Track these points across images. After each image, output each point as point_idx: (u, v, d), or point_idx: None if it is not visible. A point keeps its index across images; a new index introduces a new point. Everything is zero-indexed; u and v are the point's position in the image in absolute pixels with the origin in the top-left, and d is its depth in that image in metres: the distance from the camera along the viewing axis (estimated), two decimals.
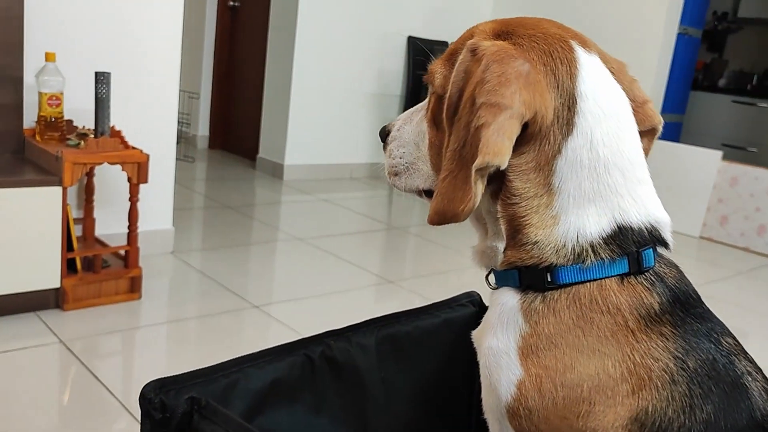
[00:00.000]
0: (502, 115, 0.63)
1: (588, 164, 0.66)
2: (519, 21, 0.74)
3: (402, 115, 0.87)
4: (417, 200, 3.50)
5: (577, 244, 0.66)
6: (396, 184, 0.84)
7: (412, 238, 3.58)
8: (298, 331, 2.21)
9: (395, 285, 2.79)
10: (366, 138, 4.89)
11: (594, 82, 0.69)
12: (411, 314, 0.91)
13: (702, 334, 0.63)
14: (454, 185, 0.65)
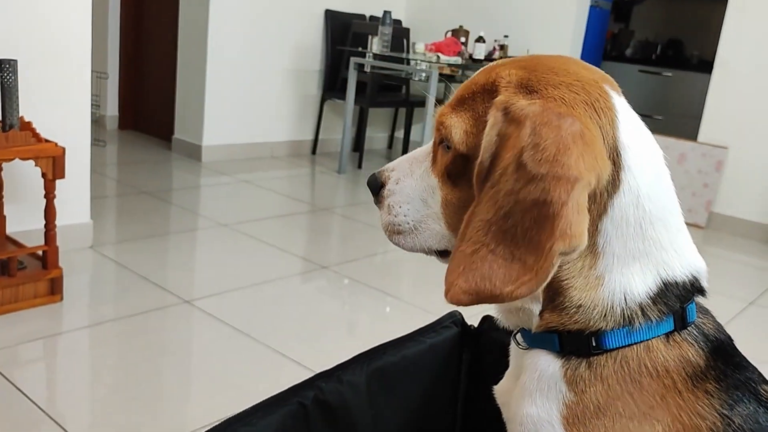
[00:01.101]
0: (576, 189, 0.58)
1: (634, 222, 0.63)
2: (544, 64, 0.69)
3: (394, 165, 0.79)
4: (340, 179, 3.48)
5: (625, 306, 0.63)
6: (400, 244, 0.77)
7: (339, 219, 3.54)
8: (233, 325, 2.14)
9: (328, 270, 2.75)
10: (286, 115, 4.77)
11: (632, 129, 0.65)
12: (398, 344, 0.88)
13: (743, 386, 0.62)
14: (491, 262, 0.59)
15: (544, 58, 0.71)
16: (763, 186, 4.09)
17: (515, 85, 0.66)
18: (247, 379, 1.87)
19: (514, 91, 0.65)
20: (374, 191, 0.79)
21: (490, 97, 0.68)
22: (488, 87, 0.69)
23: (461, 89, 0.73)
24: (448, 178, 0.72)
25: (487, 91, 0.69)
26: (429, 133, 4.09)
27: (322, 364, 1.95)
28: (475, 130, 0.68)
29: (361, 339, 2.19)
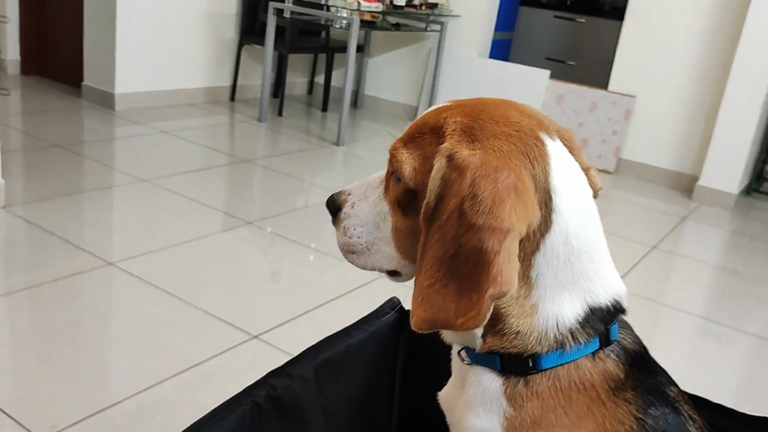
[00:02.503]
0: (507, 239, 0.64)
1: (563, 257, 0.69)
2: (487, 112, 0.73)
3: (351, 189, 0.84)
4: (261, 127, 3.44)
5: (557, 332, 0.69)
6: (354, 262, 0.83)
7: (263, 171, 3.51)
8: (160, 287, 2.14)
9: (254, 226, 2.75)
10: (202, 60, 4.63)
11: (563, 174, 0.71)
12: (343, 334, 0.92)
13: (654, 390, 0.70)
14: (444, 295, 0.65)
15: (489, 105, 0.76)
16: (669, 134, 4.31)
17: (459, 133, 0.71)
18: (178, 342, 1.88)
19: (458, 138, 0.71)
20: (332, 212, 0.84)
21: (437, 140, 0.73)
22: (436, 130, 0.74)
23: (412, 127, 0.78)
24: (398, 207, 0.77)
25: (434, 134, 0.74)
26: (351, 79, 4.07)
27: (252, 323, 2.00)
28: (423, 169, 0.73)
29: (289, 295, 2.23)
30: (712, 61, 4.10)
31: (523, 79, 4.68)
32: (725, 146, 3.96)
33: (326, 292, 2.28)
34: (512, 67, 4.74)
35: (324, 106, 5.08)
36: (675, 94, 4.24)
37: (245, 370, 1.80)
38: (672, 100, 4.26)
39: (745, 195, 4.33)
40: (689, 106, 4.21)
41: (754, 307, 2.72)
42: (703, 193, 4.06)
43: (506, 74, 4.74)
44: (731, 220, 3.87)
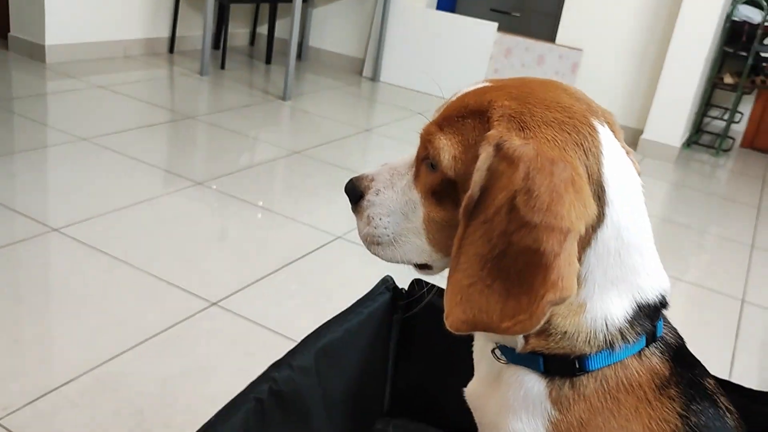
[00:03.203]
0: (568, 240, 0.59)
1: (614, 251, 0.65)
2: (536, 95, 0.67)
3: (373, 175, 0.77)
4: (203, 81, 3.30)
5: (607, 332, 0.66)
6: (378, 254, 0.76)
7: (208, 128, 3.38)
8: (110, 253, 2.04)
9: (204, 186, 2.65)
10: (138, 10, 4.39)
11: (615, 163, 0.66)
12: (340, 318, 0.87)
13: (694, 384, 0.68)
14: (488, 296, 0.61)
15: (536, 86, 0.70)
16: (615, 88, 4.36)
17: (508, 119, 0.65)
18: (133, 311, 1.81)
19: (506, 125, 0.65)
20: (353, 200, 0.77)
21: (481, 126, 0.67)
22: (479, 114, 0.67)
23: (449, 108, 0.71)
24: (432, 196, 0.71)
25: (478, 119, 0.67)
26: (297, 30, 3.94)
27: (210, 290, 1.94)
28: (464, 157, 0.67)
29: (246, 259, 2.17)
30: (657, 16, 4.14)
31: (472, 31, 4.63)
32: (669, 100, 4.03)
33: (284, 255, 2.23)
34: (461, 20, 4.67)
35: (268, 59, 4.92)
36: (621, 48, 4.27)
37: (206, 338, 1.75)
38: (618, 54, 4.29)
39: (685, 147, 4.44)
40: (634, 60, 4.26)
41: (692, 257, 2.80)
42: (648, 147, 4.14)
43: (454, 26, 4.68)
44: (674, 172, 3.97)
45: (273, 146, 3.26)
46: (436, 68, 4.74)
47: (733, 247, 2.97)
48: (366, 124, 3.91)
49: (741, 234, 3.13)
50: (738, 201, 3.59)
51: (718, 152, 4.48)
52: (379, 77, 4.92)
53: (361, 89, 4.70)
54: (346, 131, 3.68)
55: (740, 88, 4.28)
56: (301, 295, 2.02)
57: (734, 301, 2.43)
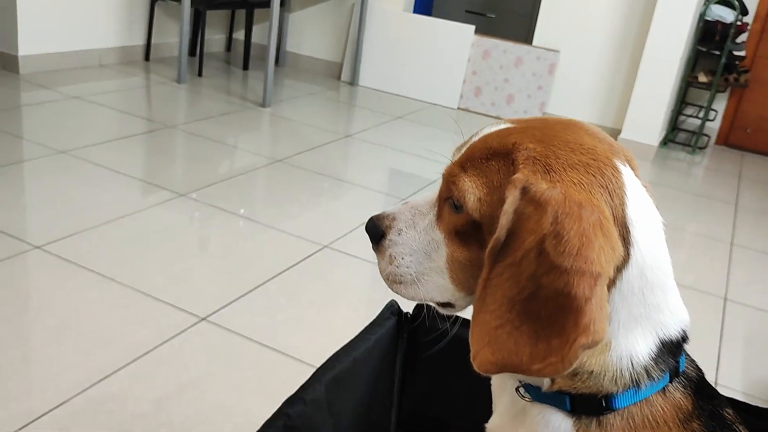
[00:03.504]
0: (598, 285, 0.59)
1: (638, 290, 0.66)
2: (559, 137, 0.67)
3: (395, 214, 0.77)
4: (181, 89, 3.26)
5: (633, 371, 0.66)
6: (401, 293, 0.77)
7: (189, 137, 3.36)
8: (96, 270, 2.02)
9: (188, 198, 2.63)
10: (112, 18, 4.34)
11: (638, 204, 0.67)
12: (348, 348, 0.87)
13: (715, 416, 0.69)
14: (517, 339, 0.61)
15: (558, 127, 0.70)
16: (592, 88, 4.40)
17: (533, 162, 0.66)
18: (122, 329, 1.79)
19: (532, 168, 0.65)
20: (374, 239, 0.78)
21: (506, 168, 0.67)
22: (503, 156, 0.68)
23: (472, 149, 0.72)
24: (456, 236, 0.72)
25: (502, 161, 0.68)
26: (275, 36, 3.92)
27: (199, 304, 1.92)
28: (489, 199, 0.67)
29: (234, 271, 2.15)
30: (632, 16, 4.19)
31: (449, 34, 4.65)
32: (646, 100, 4.08)
33: (272, 266, 2.21)
34: (438, 23, 4.69)
35: (245, 65, 4.89)
36: (597, 49, 4.32)
37: (197, 355, 1.73)
38: (594, 55, 4.33)
39: (662, 146, 4.50)
40: (611, 61, 4.30)
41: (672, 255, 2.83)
42: (625, 146, 4.17)
43: (432, 29, 4.69)
44: (652, 170, 4.02)
45: (254, 155, 3.24)
46: (414, 71, 4.75)
47: (712, 245, 3.01)
48: (346, 129, 3.91)
49: (720, 231, 3.18)
50: (715, 198, 3.64)
51: (694, 150, 4.55)
52: (357, 81, 4.91)
53: (340, 94, 4.70)
54: (327, 137, 3.67)
55: (714, 87, 4.34)
56: (291, 307, 2.01)
57: (717, 300, 2.47)
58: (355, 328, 1.94)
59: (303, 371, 1.73)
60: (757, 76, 4.64)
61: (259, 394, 1.63)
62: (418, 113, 4.43)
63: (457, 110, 4.65)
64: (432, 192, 0.77)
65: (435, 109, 4.59)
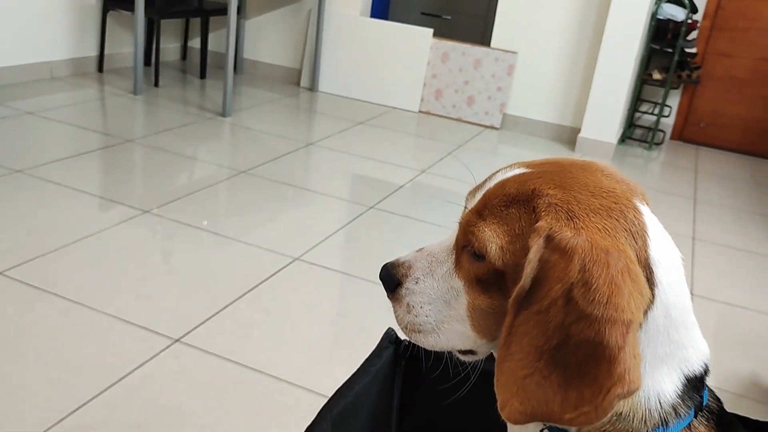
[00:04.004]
0: (630, 332, 0.59)
1: (663, 329, 0.66)
2: (578, 181, 0.67)
3: (410, 262, 0.76)
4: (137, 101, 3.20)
5: (661, 410, 0.66)
6: (420, 342, 0.75)
7: (150, 151, 3.29)
8: (63, 294, 1.96)
9: (152, 214, 2.57)
10: (63, 29, 4.23)
11: (659, 243, 0.67)
12: (351, 382, 0.86)
13: None
14: (546, 388, 0.60)
15: (575, 170, 0.70)
16: (550, 88, 4.46)
17: (555, 209, 0.65)
18: (94, 355, 1.74)
19: (554, 215, 0.65)
20: (390, 288, 0.77)
21: (527, 216, 0.67)
22: (523, 203, 0.67)
23: (488, 196, 0.71)
24: (477, 284, 0.71)
25: (522, 208, 0.67)
26: (233, 44, 3.87)
27: (171, 325, 1.88)
28: (512, 248, 0.67)
29: (205, 288, 2.11)
30: (587, 17, 4.25)
31: (407, 38, 4.65)
32: (603, 99, 4.15)
33: (243, 282, 2.18)
34: (396, 27, 4.69)
35: (202, 73, 4.82)
36: (554, 49, 4.37)
37: (174, 378, 1.69)
38: (552, 56, 4.39)
39: (620, 143, 4.59)
40: (568, 61, 4.36)
41: None
42: (585, 145, 4.25)
43: (390, 33, 4.69)
44: None
45: (218, 167, 3.19)
46: (374, 76, 4.74)
47: (675, 241, 3.07)
48: (309, 137, 3.88)
49: (681, 226, 3.25)
50: (674, 193, 3.72)
51: (651, 146, 4.65)
52: (317, 87, 4.88)
53: (301, 100, 4.66)
54: (291, 146, 3.64)
55: (668, 84, 4.44)
56: (266, 324, 1.98)
57: None
58: (333, 341, 1.93)
59: (283, 390, 1.71)
60: (708, 72, 4.77)
61: (241, 415, 1.60)
62: (380, 118, 4.43)
63: (419, 113, 4.67)
64: (447, 238, 0.77)
65: (397, 114, 4.59)
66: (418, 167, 3.56)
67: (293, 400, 1.68)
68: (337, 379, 1.76)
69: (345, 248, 2.53)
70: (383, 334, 0.96)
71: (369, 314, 2.10)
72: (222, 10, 4.63)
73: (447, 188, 3.31)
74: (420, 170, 3.51)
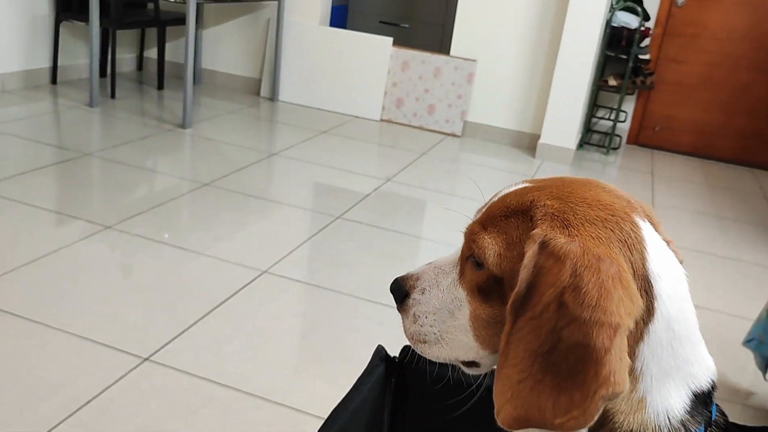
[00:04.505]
0: (618, 336, 0.59)
1: (666, 344, 0.66)
2: (577, 195, 0.68)
3: (418, 274, 0.77)
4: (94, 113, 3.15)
5: (671, 426, 0.67)
6: (425, 353, 0.76)
7: (109, 165, 3.22)
8: (24, 315, 1.90)
9: (114, 230, 2.52)
10: (13, 40, 4.12)
11: (660, 258, 0.68)
12: (345, 402, 0.84)
13: None
14: (539, 392, 0.61)
15: (575, 185, 0.71)
16: (510, 95, 4.51)
17: (551, 218, 0.67)
18: (61, 378, 1.69)
19: (550, 224, 0.66)
20: (398, 299, 0.78)
21: (524, 224, 0.68)
22: (521, 213, 0.69)
23: (491, 208, 0.73)
24: (478, 293, 0.72)
25: (520, 218, 0.69)
26: (192, 54, 3.82)
27: (140, 344, 1.84)
28: (509, 255, 0.68)
29: (172, 305, 2.07)
30: (544, 25, 4.32)
31: (367, 46, 4.66)
32: (562, 105, 4.21)
33: (212, 296, 2.15)
34: (355, 35, 4.69)
35: (160, 84, 4.75)
36: (513, 57, 4.43)
37: (145, 398, 1.65)
38: (511, 63, 4.45)
39: (578, 148, 4.67)
40: (527, 68, 4.42)
41: None
42: (545, 150, 4.31)
43: (350, 42, 4.69)
44: (571, 173, 4.16)
45: (181, 179, 3.14)
46: (335, 85, 4.73)
47: None
48: (272, 147, 3.85)
49: None
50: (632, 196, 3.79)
51: (608, 151, 4.74)
52: (277, 97, 4.85)
53: (261, 110, 4.63)
54: (254, 157, 3.61)
55: (623, 89, 4.54)
56: (238, 339, 1.95)
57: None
58: (307, 355, 1.91)
59: (258, 406, 1.68)
60: (661, 78, 4.89)
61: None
62: (342, 127, 4.42)
63: (380, 122, 4.67)
64: (455, 252, 0.78)
65: (359, 122, 4.59)
66: (383, 176, 3.57)
67: (270, 416, 1.65)
68: (314, 394, 1.75)
69: (313, 260, 2.51)
70: (374, 352, 0.96)
71: (342, 327, 2.09)
72: (179, 19, 4.57)
73: (413, 196, 3.32)
74: (385, 179, 3.52)
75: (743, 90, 4.82)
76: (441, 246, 2.79)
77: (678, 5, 4.74)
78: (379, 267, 2.52)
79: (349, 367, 1.89)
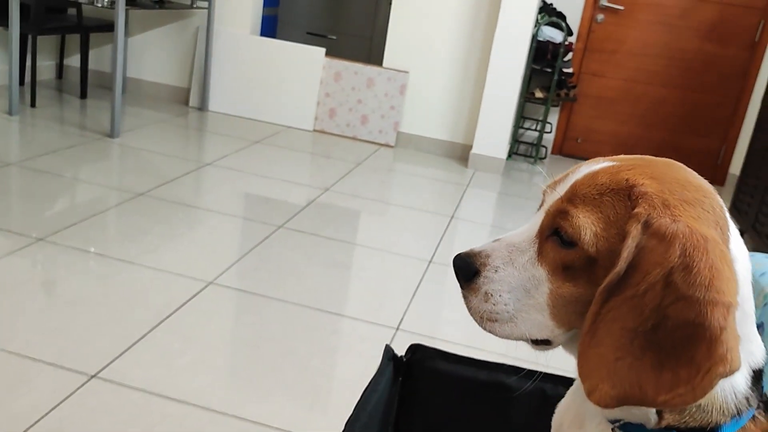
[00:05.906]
0: (731, 314, 0.60)
1: (739, 322, 0.67)
2: (669, 175, 0.69)
3: (488, 251, 0.75)
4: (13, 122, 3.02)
5: (737, 400, 0.68)
6: (495, 332, 0.74)
7: (33, 175, 3.07)
8: None
9: (47, 242, 2.40)
10: None
11: (737, 240, 0.69)
12: (364, 402, 0.83)
13: None
14: (639, 370, 0.61)
15: (663, 166, 0.72)
16: (442, 107, 4.59)
17: (650, 197, 0.67)
18: (5, 399, 1.59)
19: (651, 203, 0.67)
20: (467, 277, 0.75)
21: (622, 203, 0.68)
22: (617, 192, 0.69)
23: (577, 185, 0.72)
24: (563, 272, 0.71)
25: (617, 196, 0.68)
26: (121, 62, 3.70)
27: (86, 361, 1.76)
28: (606, 234, 0.68)
29: (117, 319, 1.99)
30: (475, 38, 4.43)
31: (299, 57, 4.64)
32: (492, 117, 4.32)
33: (158, 309, 2.08)
34: (287, 45, 4.67)
35: (83, 93, 4.57)
36: (445, 69, 4.51)
37: (95, 418, 1.58)
38: (442, 75, 4.53)
39: (508, 158, 4.79)
40: (458, 80, 4.51)
41: None
42: (477, 161, 4.41)
43: (282, 52, 4.66)
44: (501, 182, 4.27)
45: (114, 190, 3.03)
46: (267, 95, 4.69)
47: None
48: (205, 157, 3.77)
49: None
50: None
51: (535, 161, 4.89)
52: (207, 107, 4.76)
53: (191, 120, 4.52)
54: (188, 166, 3.52)
55: (549, 102, 4.70)
56: (188, 352, 1.90)
57: None
58: (260, 366, 1.87)
59: (213, 420, 1.64)
60: (583, 91, 5.09)
61: None
62: (275, 137, 4.38)
63: (314, 132, 4.66)
64: (527, 228, 0.77)
65: (291, 132, 4.56)
66: (321, 186, 3.55)
67: (228, 429, 1.61)
68: (271, 405, 1.71)
69: (259, 269, 2.47)
70: (383, 352, 0.95)
71: (293, 336, 2.06)
72: (103, 26, 4.42)
73: (352, 207, 3.32)
74: (323, 188, 3.50)
75: (659, 104, 5.08)
76: (387, 255, 2.80)
77: (597, 22, 4.96)
78: (326, 275, 2.50)
79: (304, 376, 1.87)
